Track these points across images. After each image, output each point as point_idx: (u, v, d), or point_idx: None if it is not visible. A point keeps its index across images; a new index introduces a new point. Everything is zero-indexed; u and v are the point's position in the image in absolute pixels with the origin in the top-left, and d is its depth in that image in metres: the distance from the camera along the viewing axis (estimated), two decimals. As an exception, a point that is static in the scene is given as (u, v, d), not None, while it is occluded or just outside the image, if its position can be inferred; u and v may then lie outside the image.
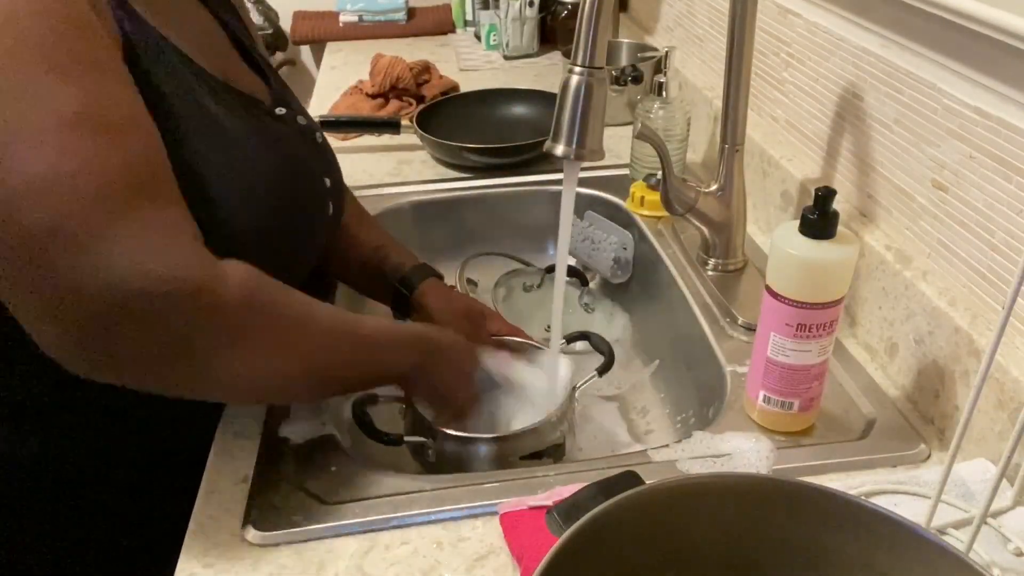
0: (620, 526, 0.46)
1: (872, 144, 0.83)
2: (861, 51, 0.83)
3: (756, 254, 0.99)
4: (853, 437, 0.72)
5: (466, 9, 1.96)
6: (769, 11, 1.01)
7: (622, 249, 1.09)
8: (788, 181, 0.97)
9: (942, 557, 0.43)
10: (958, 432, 0.50)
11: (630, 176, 1.17)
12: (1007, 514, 0.62)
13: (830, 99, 0.90)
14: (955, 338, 0.69)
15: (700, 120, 1.23)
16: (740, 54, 0.85)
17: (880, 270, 0.80)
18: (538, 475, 0.70)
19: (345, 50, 1.90)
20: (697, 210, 0.92)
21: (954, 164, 0.71)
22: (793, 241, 0.66)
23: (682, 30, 1.40)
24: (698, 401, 0.90)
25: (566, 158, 0.69)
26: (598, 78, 0.67)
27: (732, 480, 0.53)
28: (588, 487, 0.61)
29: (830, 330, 0.68)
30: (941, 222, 0.74)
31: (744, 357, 0.79)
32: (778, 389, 0.71)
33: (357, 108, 1.47)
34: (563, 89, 0.67)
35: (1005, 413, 0.64)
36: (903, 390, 0.77)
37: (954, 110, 0.70)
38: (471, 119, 1.37)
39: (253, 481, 0.69)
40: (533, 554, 0.59)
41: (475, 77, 1.63)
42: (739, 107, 0.88)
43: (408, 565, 0.62)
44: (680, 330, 0.96)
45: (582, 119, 0.67)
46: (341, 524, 0.65)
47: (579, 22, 0.66)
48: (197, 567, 0.62)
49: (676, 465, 0.70)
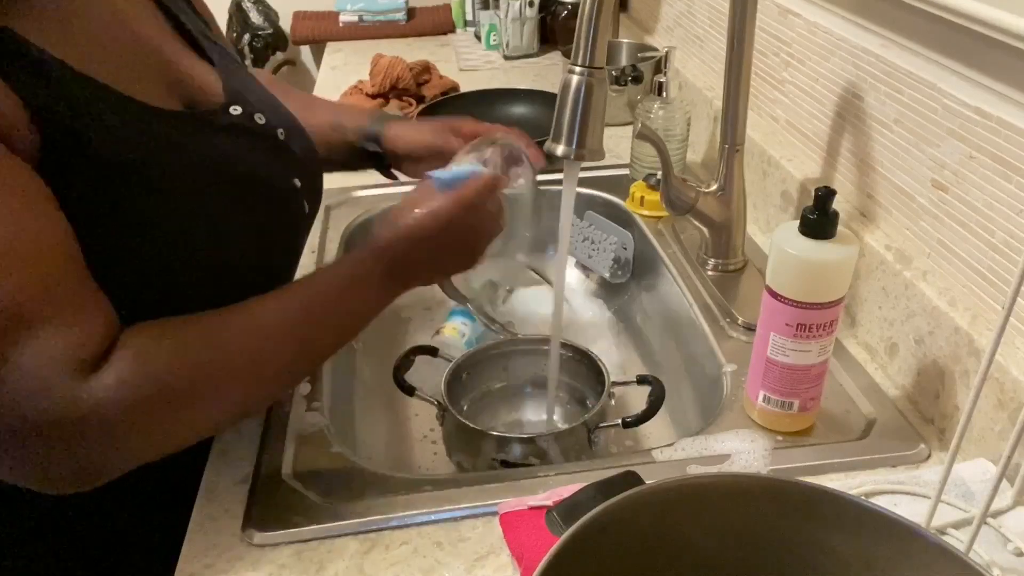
0: (620, 526, 0.46)
1: (872, 144, 0.83)
2: (861, 51, 0.83)
3: (756, 254, 0.99)
4: (853, 437, 0.72)
5: (466, 9, 1.96)
6: (769, 11, 1.01)
7: (622, 249, 1.09)
8: (788, 181, 0.96)
9: (942, 557, 0.43)
10: (958, 432, 0.50)
11: (630, 176, 1.17)
12: (1007, 514, 0.62)
13: (830, 99, 0.90)
14: (955, 338, 0.69)
15: (700, 120, 1.22)
16: (740, 54, 0.85)
17: (880, 270, 0.79)
18: (538, 475, 0.70)
19: (345, 50, 1.90)
20: (697, 210, 0.92)
21: (954, 164, 0.71)
22: (793, 241, 0.66)
23: (682, 30, 1.40)
24: (698, 401, 0.90)
25: (566, 158, 0.69)
26: (598, 78, 0.67)
27: (732, 480, 0.53)
28: (588, 487, 0.61)
29: (830, 330, 0.68)
30: (941, 222, 0.74)
31: (744, 357, 0.79)
32: (778, 389, 0.71)
33: (357, 108, 1.47)
34: (563, 89, 0.67)
35: (1005, 413, 0.64)
36: (903, 390, 0.77)
37: (954, 110, 0.70)
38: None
39: (253, 481, 0.69)
40: (533, 554, 0.59)
41: (475, 77, 1.63)
42: (739, 107, 0.88)
43: (408, 565, 0.62)
44: (680, 330, 0.96)
45: (582, 119, 0.68)
46: (341, 524, 0.65)
47: (579, 22, 0.66)
48: (197, 567, 0.62)
49: (676, 465, 0.70)
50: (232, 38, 2.30)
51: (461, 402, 0.78)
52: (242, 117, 0.73)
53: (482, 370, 0.87)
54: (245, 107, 0.74)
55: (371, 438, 0.90)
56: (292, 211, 0.77)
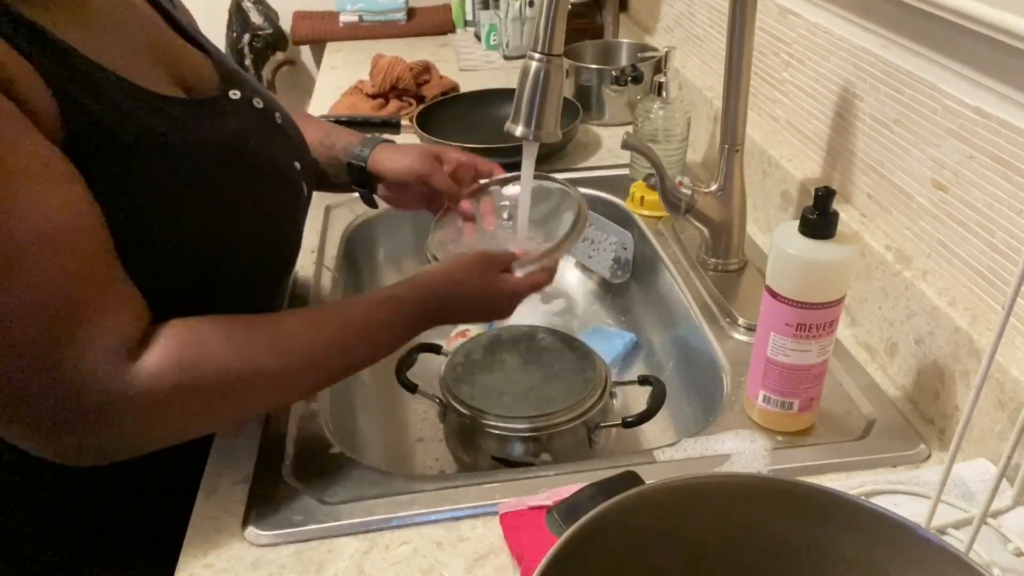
0: (620, 526, 0.46)
1: (872, 144, 0.83)
2: (861, 51, 0.83)
3: (756, 254, 0.99)
4: (853, 437, 0.72)
5: (466, 9, 1.96)
6: (769, 11, 1.01)
7: (622, 249, 1.09)
8: (788, 181, 0.96)
9: (942, 557, 0.43)
10: (958, 432, 0.50)
11: (630, 176, 1.17)
12: (1007, 514, 0.62)
13: (830, 99, 0.90)
14: (955, 338, 0.69)
15: (700, 120, 1.23)
16: (740, 54, 0.85)
17: (880, 270, 0.79)
18: (538, 475, 0.70)
19: (345, 50, 1.90)
20: (697, 210, 0.92)
21: (954, 164, 0.71)
22: (793, 241, 0.66)
23: (682, 30, 1.40)
24: (698, 401, 0.90)
25: (525, 139, 0.74)
26: (556, 65, 0.72)
27: (732, 480, 0.53)
28: (588, 487, 0.61)
29: (830, 330, 0.68)
30: (941, 222, 0.74)
31: (744, 357, 0.79)
32: (778, 389, 0.71)
33: (357, 108, 1.47)
34: (522, 75, 0.72)
35: (1005, 413, 0.64)
36: (903, 390, 0.77)
37: (954, 110, 0.70)
38: (471, 119, 1.37)
39: (253, 481, 0.69)
40: (533, 554, 0.59)
41: (475, 77, 1.63)
42: (739, 107, 0.88)
43: (408, 565, 0.62)
44: (680, 330, 0.96)
45: (540, 103, 0.73)
46: (341, 524, 0.65)
47: (538, 13, 0.70)
48: (197, 567, 0.62)
49: (676, 465, 0.70)
50: (232, 38, 2.30)
51: (462, 399, 0.78)
52: (242, 101, 0.74)
53: (480, 363, 0.86)
54: (243, 91, 0.75)
55: (371, 438, 0.91)
56: (295, 192, 0.79)
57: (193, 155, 0.65)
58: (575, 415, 0.77)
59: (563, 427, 0.76)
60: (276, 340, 0.63)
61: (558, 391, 0.79)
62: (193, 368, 0.58)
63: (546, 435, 0.76)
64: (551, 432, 0.76)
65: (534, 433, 0.76)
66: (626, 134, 0.89)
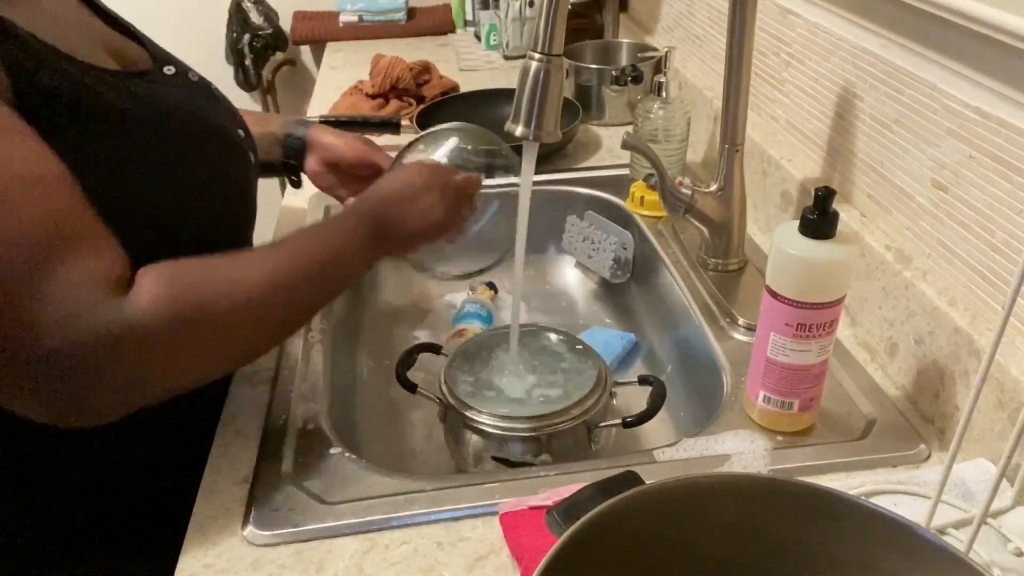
0: (620, 526, 0.46)
1: (872, 144, 0.83)
2: (861, 51, 0.83)
3: (756, 254, 0.99)
4: (853, 437, 0.72)
5: (466, 9, 1.96)
6: (769, 11, 1.01)
7: (622, 249, 1.09)
8: (788, 181, 0.96)
9: (942, 557, 0.43)
10: (958, 432, 0.50)
11: (630, 176, 1.17)
12: (1007, 514, 0.62)
13: (830, 99, 0.90)
14: (955, 338, 0.69)
15: (700, 120, 1.23)
16: (740, 54, 0.85)
17: (880, 270, 0.79)
18: (538, 475, 0.70)
19: (345, 50, 1.90)
20: (697, 210, 0.92)
21: (954, 164, 0.71)
22: (793, 241, 0.66)
23: (682, 30, 1.40)
24: (698, 401, 0.90)
25: (525, 139, 0.74)
26: (555, 65, 0.71)
27: (732, 480, 0.53)
28: (588, 487, 0.61)
29: (830, 330, 0.68)
30: (941, 222, 0.74)
31: (744, 357, 0.79)
32: (778, 389, 0.71)
33: (357, 108, 1.47)
34: (522, 75, 0.72)
35: (1005, 413, 0.64)
36: (903, 390, 0.77)
37: (954, 110, 0.70)
38: (471, 119, 1.36)
39: (253, 481, 0.69)
40: (533, 554, 0.59)
41: (475, 77, 1.63)
42: (739, 107, 0.88)
43: (408, 565, 0.62)
44: (680, 330, 0.96)
45: (540, 103, 0.72)
46: (341, 524, 0.65)
47: (538, 13, 0.70)
48: (197, 567, 0.62)
49: (676, 465, 0.70)
50: (232, 38, 2.30)
51: (461, 398, 0.78)
52: (178, 75, 0.78)
53: (480, 363, 0.86)
54: (177, 67, 0.78)
55: (371, 438, 0.90)
56: (244, 161, 0.81)
57: (146, 121, 0.68)
58: (575, 415, 0.77)
59: (563, 427, 0.76)
60: (255, 264, 0.66)
61: (558, 391, 0.79)
62: (183, 299, 0.59)
63: (546, 435, 0.76)
64: (551, 432, 0.76)
65: (534, 433, 0.76)
66: (626, 134, 0.89)
